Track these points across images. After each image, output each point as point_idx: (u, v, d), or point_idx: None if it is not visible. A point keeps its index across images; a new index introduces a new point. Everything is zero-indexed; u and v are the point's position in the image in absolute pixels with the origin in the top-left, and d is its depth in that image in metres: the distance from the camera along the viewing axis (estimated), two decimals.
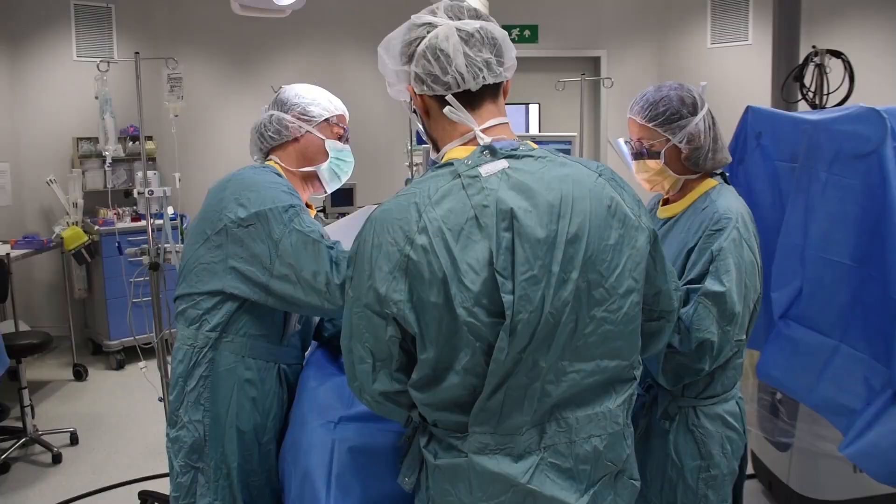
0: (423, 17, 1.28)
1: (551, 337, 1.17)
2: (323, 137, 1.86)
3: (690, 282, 1.66)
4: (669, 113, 1.74)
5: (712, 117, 1.78)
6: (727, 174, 1.86)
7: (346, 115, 1.93)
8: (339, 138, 1.89)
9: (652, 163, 1.80)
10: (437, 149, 1.34)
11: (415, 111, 1.35)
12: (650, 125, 1.76)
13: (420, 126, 1.37)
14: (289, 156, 1.85)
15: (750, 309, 1.67)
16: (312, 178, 1.89)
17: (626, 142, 1.88)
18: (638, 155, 1.82)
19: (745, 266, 1.64)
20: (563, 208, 1.17)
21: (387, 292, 1.17)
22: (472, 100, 1.26)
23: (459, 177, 1.19)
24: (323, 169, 1.87)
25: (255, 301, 1.68)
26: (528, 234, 1.14)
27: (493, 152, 1.22)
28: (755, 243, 1.69)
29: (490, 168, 1.19)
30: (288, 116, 1.84)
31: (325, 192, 1.95)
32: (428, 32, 1.25)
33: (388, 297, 1.17)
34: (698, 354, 1.61)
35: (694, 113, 1.75)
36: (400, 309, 1.16)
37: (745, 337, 1.66)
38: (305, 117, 1.84)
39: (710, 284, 1.61)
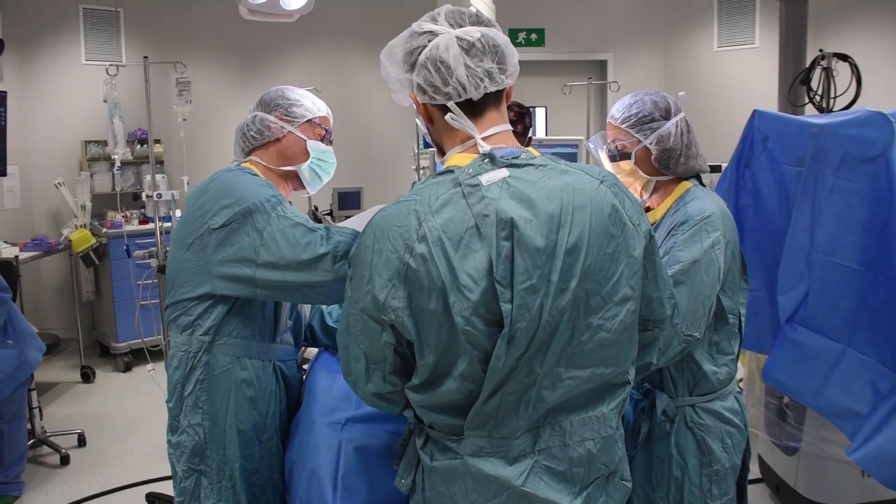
0: (425, 24, 1.27)
1: (547, 344, 1.17)
2: (305, 138, 1.87)
3: None
4: (641, 115, 1.80)
5: (687, 125, 1.83)
6: (701, 178, 1.87)
7: (330, 116, 1.95)
8: (322, 139, 1.91)
9: (624, 163, 1.85)
10: (442, 153, 1.35)
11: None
12: (623, 126, 1.83)
13: (425, 131, 1.38)
14: (270, 155, 1.86)
15: (705, 307, 1.65)
16: (293, 178, 1.91)
17: (605, 146, 1.93)
18: (612, 157, 1.88)
19: (702, 262, 1.64)
20: (563, 218, 1.17)
21: (385, 299, 1.17)
22: (474, 108, 1.26)
23: (460, 185, 1.19)
24: (304, 169, 1.89)
25: (246, 299, 1.69)
26: (527, 243, 1.14)
27: (493, 160, 1.22)
28: (724, 243, 1.69)
29: (491, 177, 1.19)
30: (271, 117, 1.85)
31: (308, 191, 1.95)
32: (429, 41, 1.24)
33: (387, 303, 1.17)
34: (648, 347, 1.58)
35: (666, 118, 1.80)
36: (398, 316, 1.17)
37: (697, 334, 1.64)
38: (288, 118, 1.86)
39: None
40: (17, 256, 4.50)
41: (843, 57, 3.19)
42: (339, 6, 6.42)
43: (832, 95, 3.20)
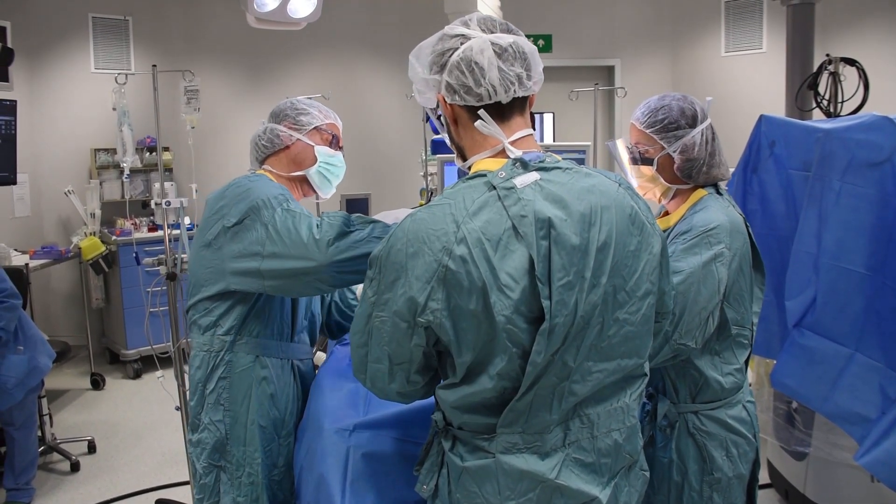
0: (457, 28, 1.31)
1: (580, 339, 1.22)
2: (312, 144, 1.94)
3: None
4: (667, 122, 1.77)
5: (713, 132, 1.80)
6: (720, 185, 1.84)
7: (339, 123, 2.02)
8: (330, 144, 1.97)
9: (645, 169, 1.83)
10: (463, 157, 1.37)
11: (439, 118, 1.38)
12: (648, 131, 1.79)
13: (445, 134, 1.39)
14: (280, 162, 1.94)
15: (701, 318, 1.64)
16: (304, 183, 1.98)
17: (627, 147, 1.90)
18: (634, 160, 1.85)
19: (697, 272, 1.63)
20: (593, 217, 1.22)
21: (425, 301, 1.19)
22: (502, 111, 1.29)
23: (495, 188, 1.22)
24: (312, 172, 1.95)
25: (265, 300, 1.78)
26: (563, 241, 1.19)
27: (524, 165, 1.25)
28: (729, 256, 1.67)
29: (524, 180, 1.23)
30: (280, 126, 1.94)
31: (321, 195, 2.02)
32: (461, 44, 1.28)
33: (427, 305, 1.19)
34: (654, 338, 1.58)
35: (693, 125, 1.77)
36: (436, 317, 1.19)
37: (692, 343, 1.64)
38: (296, 126, 1.94)
39: None
40: (27, 264, 4.54)
41: (851, 61, 3.18)
42: (347, 14, 6.45)
43: (839, 100, 3.20)
